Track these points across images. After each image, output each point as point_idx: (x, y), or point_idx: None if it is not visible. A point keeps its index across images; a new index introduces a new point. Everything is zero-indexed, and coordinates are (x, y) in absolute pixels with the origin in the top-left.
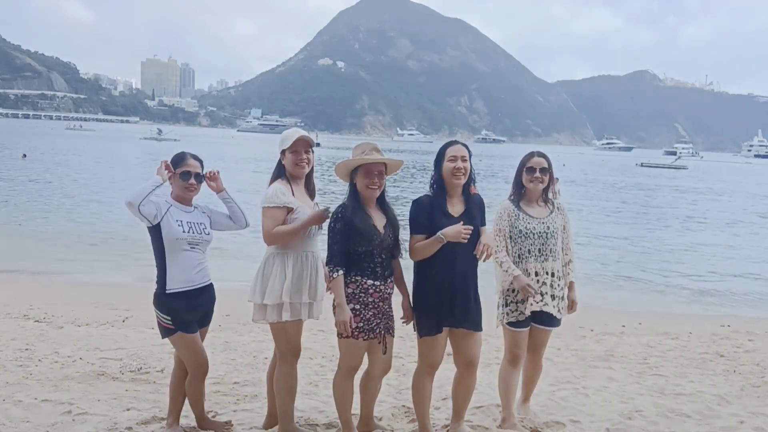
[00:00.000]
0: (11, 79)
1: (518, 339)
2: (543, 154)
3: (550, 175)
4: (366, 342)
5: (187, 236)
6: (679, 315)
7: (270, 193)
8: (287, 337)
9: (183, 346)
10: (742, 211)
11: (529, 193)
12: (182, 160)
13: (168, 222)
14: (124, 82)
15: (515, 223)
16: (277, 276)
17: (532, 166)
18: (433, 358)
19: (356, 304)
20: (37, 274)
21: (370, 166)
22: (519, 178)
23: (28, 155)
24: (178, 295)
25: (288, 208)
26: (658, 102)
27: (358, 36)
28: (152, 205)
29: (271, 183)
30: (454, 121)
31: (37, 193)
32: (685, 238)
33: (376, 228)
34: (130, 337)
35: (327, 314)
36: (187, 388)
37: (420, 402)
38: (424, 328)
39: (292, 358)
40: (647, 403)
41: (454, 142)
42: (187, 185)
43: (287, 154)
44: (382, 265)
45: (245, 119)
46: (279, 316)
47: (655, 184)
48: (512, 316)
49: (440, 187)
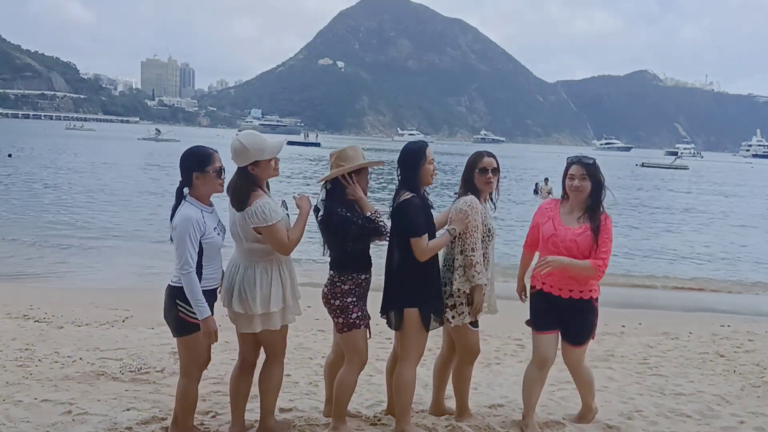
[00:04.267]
0: (11, 79)
1: (477, 337)
2: (492, 153)
3: (498, 176)
4: (366, 330)
5: (222, 242)
6: (679, 315)
7: (266, 210)
8: (283, 338)
9: (198, 346)
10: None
11: (480, 193)
12: (210, 156)
13: (209, 236)
14: (124, 82)
15: (485, 221)
16: (278, 281)
17: (484, 166)
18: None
19: (354, 297)
20: (37, 275)
21: (366, 169)
22: (470, 178)
23: (13, 155)
24: (207, 293)
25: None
26: (658, 102)
27: (358, 36)
28: (197, 233)
29: (247, 197)
30: (454, 121)
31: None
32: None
33: None
34: (130, 337)
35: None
36: (181, 391)
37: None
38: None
39: (283, 357)
40: (647, 403)
41: (428, 143)
42: (221, 182)
43: (268, 164)
44: (369, 258)
45: (245, 119)
46: (283, 320)
47: (655, 185)
48: (473, 315)
49: (416, 187)
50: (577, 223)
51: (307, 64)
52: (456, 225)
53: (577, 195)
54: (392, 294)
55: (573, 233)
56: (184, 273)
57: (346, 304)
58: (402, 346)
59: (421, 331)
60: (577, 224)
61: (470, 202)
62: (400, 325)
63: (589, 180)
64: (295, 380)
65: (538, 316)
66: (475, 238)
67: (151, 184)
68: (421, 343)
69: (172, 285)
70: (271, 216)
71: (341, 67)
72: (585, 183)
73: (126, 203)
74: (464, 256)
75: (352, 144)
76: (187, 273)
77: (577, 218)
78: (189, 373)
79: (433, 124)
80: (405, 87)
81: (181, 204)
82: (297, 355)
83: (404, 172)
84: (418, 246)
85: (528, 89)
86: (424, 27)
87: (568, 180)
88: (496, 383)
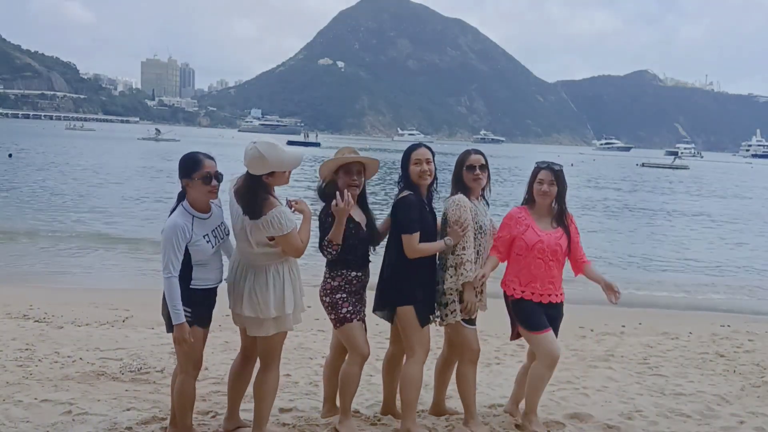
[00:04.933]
0: (11, 79)
1: (474, 335)
2: (480, 151)
3: (488, 173)
4: (362, 324)
5: (215, 248)
6: (679, 315)
7: (283, 220)
8: (279, 344)
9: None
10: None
11: (471, 191)
12: (198, 162)
13: (196, 243)
14: (124, 82)
15: (475, 218)
16: (290, 282)
17: (471, 164)
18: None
19: (343, 293)
20: (37, 275)
21: (350, 165)
22: (459, 176)
23: (13, 155)
24: (200, 291)
25: None
26: (658, 102)
27: (358, 36)
28: (180, 240)
29: (261, 206)
30: (454, 121)
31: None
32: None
33: (360, 224)
34: (130, 337)
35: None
36: (179, 388)
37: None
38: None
39: (277, 363)
40: (647, 403)
41: (419, 145)
42: (211, 189)
43: (285, 173)
44: (363, 256)
45: (245, 119)
46: (294, 321)
47: (655, 186)
48: (465, 314)
49: (409, 186)
50: (552, 228)
51: (307, 64)
52: (452, 237)
53: (545, 199)
54: (386, 291)
55: (555, 237)
56: (165, 277)
57: (335, 300)
58: (405, 346)
59: (418, 328)
60: (552, 228)
61: (458, 200)
62: (393, 319)
63: (557, 185)
64: (295, 380)
65: (534, 317)
66: (466, 236)
67: (151, 183)
68: (421, 340)
69: None
70: (287, 225)
71: (341, 67)
72: (553, 188)
73: (126, 203)
74: (455, 255)
75: (345, 146)
76: (167, 278)
77: (551, 223)
78: (185, 369)
79: (433, 124)
80: (405, 87)
81: (176, 209)
82: (297, 355)
83: (401, 172)
84: (408, 243)
85: (528, 89)
86: (424, 27)
87: (537, 184)
88: (496, 383)
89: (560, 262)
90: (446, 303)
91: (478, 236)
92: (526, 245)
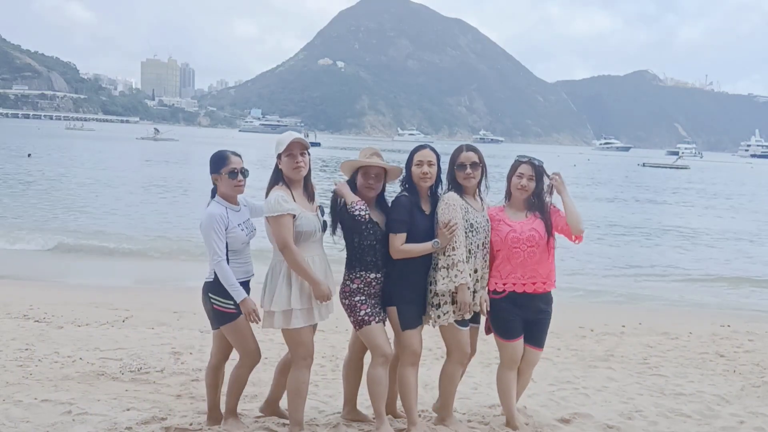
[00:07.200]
0: (11, 79)
1: (466, 337)
2: (473, 147)
3: (482, 169)
4: (381, 325)
5: (247, 237)
6: (679, 315)
7: (273, 202)
8: (298, 341)
9: (239, 333)
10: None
11: (463, 189)
12: (225, 159)
13: (232, 230)
14: (124, 82)
15: (466, 216)
16: (284, 283)
17: (462, 162)
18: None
19: (362, 295)
20: (37, 274)
21: (368, 168)
22: (452, 174)
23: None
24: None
25: (290, 215)
26: (658, 102)
27: (358, 36)
28: (221, 225)
29: (269, 190)
30: (454, 121)
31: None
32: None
33: (378, 224)
34: (130, 337)
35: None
36: (234, 376)
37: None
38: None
39: (304, 362)
40: (647, 403)
41: (424, 146)
42: (237, 183)
43: (283, 158)
44: (382, 258)
45: (245, 119)
46: (287, 323)
47: (657, 186)
48: (458, 314)
49: (411, 187)
50: (526, 218)
51: (307, 64)
52: (440, 240)
53: (522, 194)
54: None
55: (528, 223)
56: (215, 263)
57: (354, 303)
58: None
59: (398, 331)
60: (525, 218)
61: (447, 198)
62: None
63: (535, 181)
64: None
65: (507, 324)
66: (456, 236)
67: (151, 183)
68: (406, 342)
69: (205, 281)
70: (274, 208)
71: (341, 67)
72: (531, 183)
73: (126, 203)
74: (446, 256)
75: (368, 146)
76: (217, 262)
77: (525, 215)
78: (244, 364)
79: (433, 124)
80: (405, 87)
81: (209, 203)
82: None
83: (405, 172)
84: (391, 242)
85: (528, 89)
86: (424, 27)
87: (516, 178)
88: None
89: (541, 247)
90: (439, 304)
91: (469, 234)
92: (500, 239)
